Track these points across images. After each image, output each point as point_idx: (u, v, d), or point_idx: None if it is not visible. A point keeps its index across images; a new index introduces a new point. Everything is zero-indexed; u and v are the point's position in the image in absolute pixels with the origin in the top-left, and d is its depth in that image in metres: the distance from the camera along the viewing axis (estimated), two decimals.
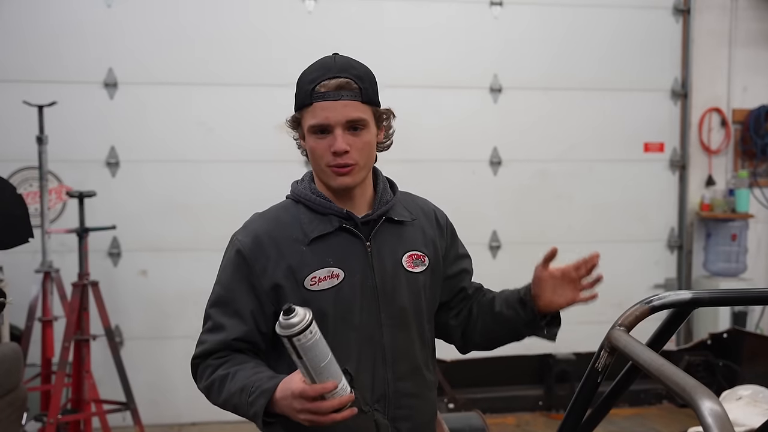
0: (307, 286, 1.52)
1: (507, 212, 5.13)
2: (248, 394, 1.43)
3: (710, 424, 1.01)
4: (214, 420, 4.78)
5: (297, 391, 1.36)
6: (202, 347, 1.58)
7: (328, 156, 1.51)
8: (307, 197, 1.58)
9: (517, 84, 5.12)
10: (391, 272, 1.60)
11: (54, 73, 4.59)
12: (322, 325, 1.46)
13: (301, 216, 1.57)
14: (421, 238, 1.67)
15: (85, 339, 3.72)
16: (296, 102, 1.56)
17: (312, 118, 1.52)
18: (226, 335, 1.55)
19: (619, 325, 1.60)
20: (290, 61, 4.93)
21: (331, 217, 1.56)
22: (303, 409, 1.37)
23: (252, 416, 1.44)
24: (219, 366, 1.54)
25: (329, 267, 1.53)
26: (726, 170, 5.47)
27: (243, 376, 1.48)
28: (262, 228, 1.57)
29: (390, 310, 1.59)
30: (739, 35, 5.40)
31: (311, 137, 1.53)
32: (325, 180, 1.56)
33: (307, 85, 1.53)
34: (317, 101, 1.51)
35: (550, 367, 3.26)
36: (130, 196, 4.70)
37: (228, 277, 1.57)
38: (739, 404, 2.72)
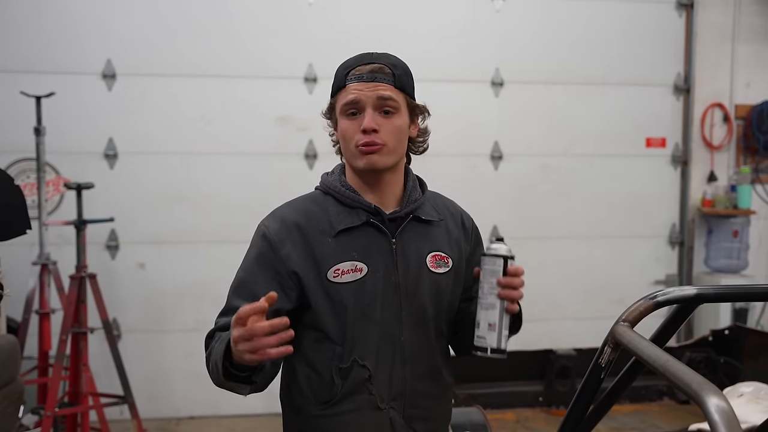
0: (330, 277, 1.52)
1: (508, 207, 5.11)
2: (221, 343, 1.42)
3: (717, 420, 0.99)
4: (212, 414, 4.78)
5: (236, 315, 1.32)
6: (212, 328, 1.57)
7: (358, 135, 1.53)
8: (336, 189, 1.59)
9: (518, 78, 5.09)
10: (414, 271, 1.59)
11: (52, 64, 4.56)
12: (342, 317, 1.52)
13: (329, 208, 1.58)
14: (446, 239, 1.66)
15: (83, 332, 3.69)
16: (332, 89, 1.60)
17: (344, 98, 1.55)
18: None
19: (623, 321, 1.57)
20: (290, 53, 4.92)
21: (359, 211, 1.57)
22: (239, 336, 1.31)
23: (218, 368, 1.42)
24: (217, 337, 1.52)
25: (353, 261, 1.53)
26: (728, 166, 5.44)
27: (226, 336, 1.44)
28: (289, 216, 1.57)
29: (411, 309, 1.58)
30: (742, 30, 5.37)
31: (343, 119, 1.56)
32: (354, 162, 1.56)
33: (343, 71, 1.58)
34: (350, 83, 1.55)
35: (550, 363, 3.24)
36: (128, 189, 4.68)
37: (250, 261, 1.57)
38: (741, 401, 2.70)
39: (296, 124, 4.80)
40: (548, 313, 5.17)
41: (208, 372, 1.52)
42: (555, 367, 3.20)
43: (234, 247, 4.77)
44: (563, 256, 5.19)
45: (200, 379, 4.85)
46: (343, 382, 1.54)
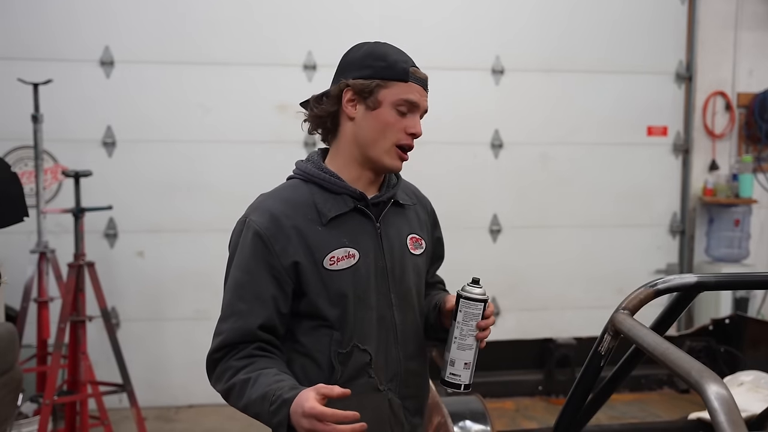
0: (326, 265, 1.52)
1: (508, 196, 5.09)
2: (270, 403, 1.39)
3: (716, 407, 0.98)
4: (211, 402, 4.78)
5: (308, 409, 1.32)
6: (221, 338, 1.50)
7: (401, 135, 1.55)
8: (319, 176, 1.57)
9: (519, 66, 5.06)
10: (398, 254, 1.62)
11: (50, 51, 4.53)
12: (341, 304, 1.53)
13: (315, 195, 1.56)
14: (418, 222, 1.71)
15: (81, 320, 3.68)
16: (384, 72, 1.55)
17: (406, 94, 1.55)
18: (246, 322, 1.49)
19: (623, 309, 1.56)
20: (290, 41, 4.89)
21: (345, 197, 1.57)
22: (312, 429, 1.32)
23: (275, 426, 1.40)
24: (240, 370, 1.47)
25: (345, 247, 1.54)
26: (730, 155, 5.42)
27: (264, 383, 1.43)
28: (277, 208, 1.54)
29: (399, 291, 1.62)
30: (745, 18, 5.33)
31: (391, 111, 1.54)
32: (381, 158, 1.56)
33: (402, 63, 1.57)
34: (414, 83, 1.56)
35: (550, 352, 3.22)
36: (127, 177, 4.66)
37: (246, 260, 1.51)
38: (741, 390, 2.69)
39: (295, 112, 4.76)
40: (548, 302, 5.16)
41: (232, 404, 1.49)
42: (555, 356, 3.18)
43: None
44: (563, 244, 5.17)
45: (199, 368, 4.83)
46: (343, 367, 1.54)
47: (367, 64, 1.55)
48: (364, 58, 1.56)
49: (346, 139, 1.58)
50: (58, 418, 3.99)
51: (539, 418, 2.90)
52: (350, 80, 1.55)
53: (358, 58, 1.57)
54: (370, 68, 1.55)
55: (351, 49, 1.62)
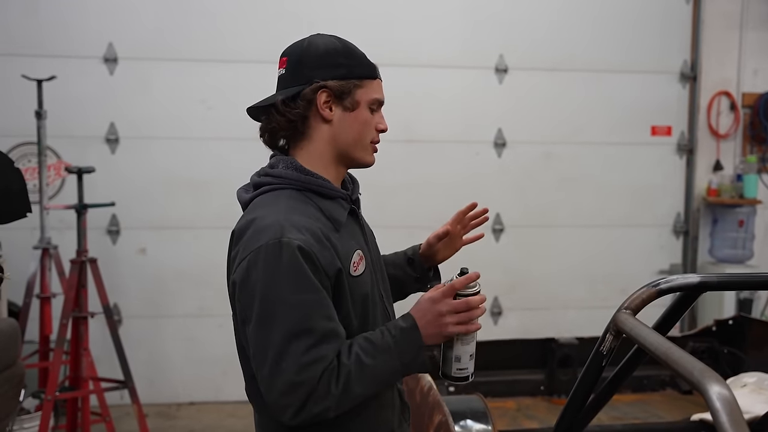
0: (351, 272, 1.47)
1: (511, 195, 5.08)
2: (395, 346, 1.39)
3: (718, 408, 0.96)
4: (213, 399, 4.79)
5: (440, 293, 1.40)
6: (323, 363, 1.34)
7: (374, 132, 1.54)
8: (315, 183, 1.48)
9: (523, 65, 5.05)
10: (375, 248, 1.65)
11: (53, 48, 4.53)
12: (365, 306, 1.50)
13: (320, 204, 1.48)
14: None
15: (83, 316, 3.69)
16: (358, 71, 1.50)
17: (377, 93, 1.53)
18: (341, 340, 1.40)
19: (625, 308, 1.54)
20: (291, 37, 4.86)
21: (340, 200, 1.52)
22: (450, 309, 1.39)
23: (411, 360, 1.41)
24: (340, 365, 1.37)
25: (357, 250, 1.50)
26: (734, 155, 5.40)
27: (372, 346, 1.39)
28: (305, 222, 1.41)
29: (384, 285, 1.63)
30: (750, 17, 5.31)
31: (367, 111, 1.52)
32: (361, 157, 1.54)
33: (368, 59, 1.54)
34: (379, 78, 1.55)
35: (552, 352, 3.20)
36: (130, 173, 4.66)
37: (305, 278, 1.36)
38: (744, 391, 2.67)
39: None
40: (550, 301, 5.15)
41: (352, 398, 1.38)
42: (557, 355, 3.16)
43: None
44: (566, 244, 5.16)
45: (201, 365, 4.87)
46: None
47: (339, 63, 1.48)
48: (332, 55, 1.49)
49: (321, 141, 1.50)
50: (59, 414, 3.99)
51: (541, 418, 2.89)
52: (327, 81, 1.47)
53: (325, 55, 1.49)
54: (344, 67, 1.49)
55: (306, 44, 1.53)
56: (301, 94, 1.48)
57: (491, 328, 5.06)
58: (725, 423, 0.93)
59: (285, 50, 1.60)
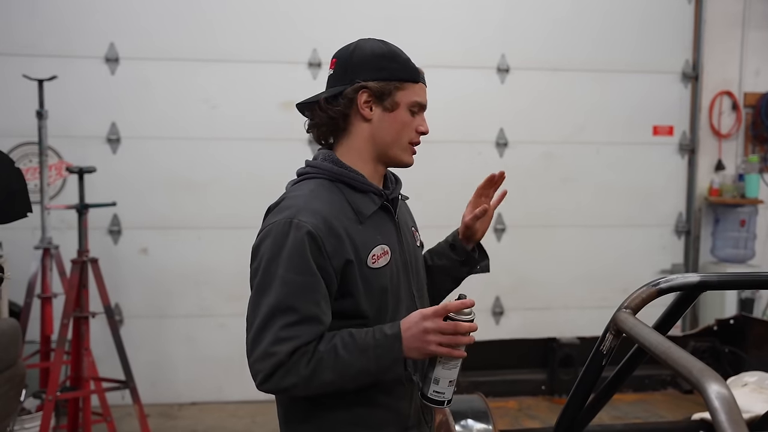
0: (369, 264, 1.53)
1: (513, 195, 4.96)
2: (374, 349, 1.43)
3: (717, 407, 0.96)
4: (215, 400, 4.79)
5: (431, 310, 1.42)
6: (295, 342, 1.43)
7: (414, 134, 1.61)
8: (347, 175, 1.57)
9: (524, 64, 5.04)
10: (412, 248, 1.68)
11: (55, 47, 4.54)
12: (383, 301, 1.56)
13: (347, 195, 1.56)
14: (410, 214, 1.79)
15: (85, 316, 3.69)
16: (400, 74, 1.58)
17: (418, 96, 1.60)
18: (323, 325, 1.46)
19: (625, 308, 1.54)
20: (294, 37, 4.88)
21: (371, 195, 1.59)
22: (436, 328, 1.41)
23: (389, 365, 1.44)
24: (316, 347, 1.44)
25: (381, 244, 1.56)
26: (736, 155, 5.39)
27: (353, 342, 1.44)
28: (323, 208, 1.50)
29: (417, 284, 1.67)
30: (753, 17, 5.30)
31: (407, 112, 1.59)
32: (399, 156, 1.61)
33: (412, 64, 1.61)
34: (422, 82, 1.62)
35: (553, 352, 3.20)
36: (131, 173, 4.67)
37: (303, 261, 1.44)
38: (744, 391, 2.67)
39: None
40: (552, 301, 5.15)
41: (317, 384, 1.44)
42: (558, 355, 3.16)
43: (237, 233, 4.80)
44: (568, 244, 5.15)
45: (203, 365, 4.87)
46: None
47: (382, 66, 1.56)
48: (377, 59, 1.57)
49: (361, 138, 1.59)
50: (60, 414, 3.99)
51: (542, 418, 2.89)
52: (368, 82, 1.55)
53: (370, 58, 1.57)
54: (386, 70, 1.56)
55: (355, 47, 1.60)
56: (343, 93, 1.57)
57: (493, 327, 5.06)
58: (724, 422, 0.93)
59: (336, 53, 1.66)
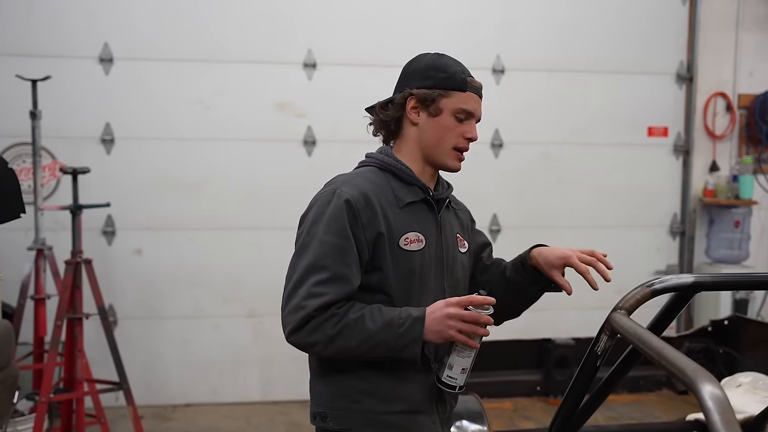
0: (401, 245, 1.66)
1: (508, 195, 5.08)
2: (398, 326, 1.56)
3: (710, 408, 0.96)
4: (209, 401, 4.77)
5: (455, 299, 1.56)
6: (324, 299, 1.57)
7: (460, 139, 1.72)
8: (396, 166, 1.73)
9: (519, 65, 5.05)
10: (452, 248, 1.79)
11: (48, 48, 4.52)
12: (408, 282, 1.67)
13: (391, 182, 1.71)
14: (461, 224, 1.88)
15: (78, 318, 3.67)
16: (445, 83, 1.71)
17: (464, 103, 1.71)
18: (351, 286, 1.60)
19: (620, 308, 1.54)
20: (290, 39, 4.87)
21: (416, 188, 1.73)
22: (457, 314, 1.54)
23: (408, 343, 1.56)
24: (346, 312, 1.58)
25: (416, 231, 1.69)
26: (730, 156, 5.40)
27: (383, 314, 1.57)
28: (365, 185, 1.67)
29: (451, 281, 1.77)
30: (746, 18, 5.31)
31: (451, 118, 1.71)
32: (444, 160, 1.73)
33: (461, 74, 1.73)
34: (471, 92, 1.73)
35: (548, 352, 3.20)
36: (126, 174, 4.65)
37: (339, 226, 1.61)
38: (739, 391, 2.67)
39: (295, 110, 4.76)
40: (546, 302, 5.11)
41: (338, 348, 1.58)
42: (553, 356, 3.16)
43: (231, 234, 4.79)
44: (563, 245, 5.10)
45: (197, 366, 4.85)
46: None
47: (429, 75, 1.72)
48: (426, 69, 1.73)
49: (410, 140, 1.74)
50: (54, 416, 3.98)
51: (537, 419, 2.89)
52: (414, 89, 1.71)
53: (421, 69, 1.74)
54: (432, 79, 1.71)
55: (413, 60, 1.78)
56: (395, 100, 1.75)
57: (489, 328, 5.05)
58: (717, 422, 0.93)
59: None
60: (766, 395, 2.58)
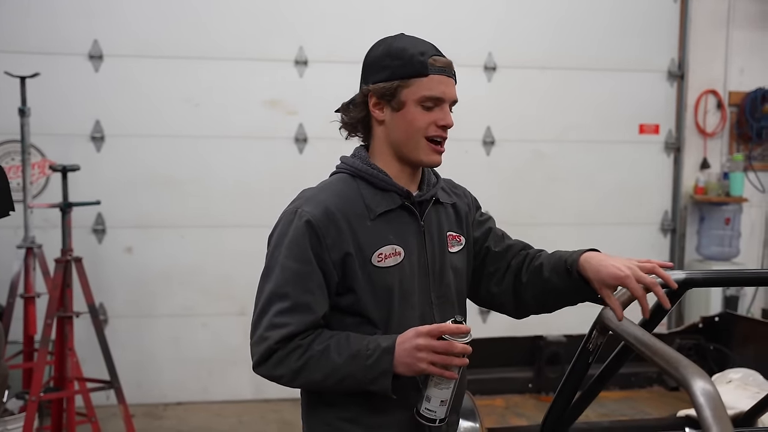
0: (374, 262, 1.51)
1: (500, 193, 5.08)
2: (365, 358, 1.43)
3: (702, 403, 0.96)
4: (200, 399, 4.76)
5: (426, 328, 1.41)
6: (287, 330, 1.45)
7: (431, 128, 1.54)
8: (368, 172, 1.57)
9: (512, 63, 5.05)
10: (439, 253, 1.62)
11: (37, 44, 4.49)
12: (388, 302, 1.52)
13: (363, 191, 1.56)
14: (456, 218, 1.71)
15: (68, 316, 3.65)
16: (401, 71, 1.53)
17: (427, 89, 1.53)
18: (315, 315, 1.48)
19: None
20: (281, 36, 4.85)
21: (393, 194, 1.57)
22: (428, 346, 1.40)
23: (377, 376, 1.43)
24: (311, 344, 1.46)
25: (392, 244, 1.53)
26: (721, 153, 5.42)
27: (348, 346, 1.45)
28: (329, 201, 1.52)
29: (438, 290, 1.61)
30: (737, 16, 5.33)
31: (416, 108, 1.53)
32: (417, 155, 1.56)
33: (419, 56, 1.53)
34: (434, 74, 1.53)
35: (540, 350, 3.21)
36: (115, 172, 4.63)
37: (300, 249, 1.48)
38: (729, 387, 2.69)
39: (286, 108, 4.75)
40: None
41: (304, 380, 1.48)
42: (545, 353, 3.17)
43: (223, 231, 4.77)
44: (555, 242, 5.10)
45: (188, 365, 4.83)
46: None
47: (384, 65, 1.54)
48: (381, 59, 1.55)
49: (380, 140, 1.59)
50: (44, 415, 3.96)
51: (529, 416, 2.89)
52: (371, 85, 1.54)
53: (377, 59, 1.56)
54: (388, 69, 1.53)
55: (371, 49, 1.59)
56: (354, 100, 1.60)
57: (480, 325, 5.05)
58: (709, 418, 0.93)
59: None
60: (757, 391, 2.59)
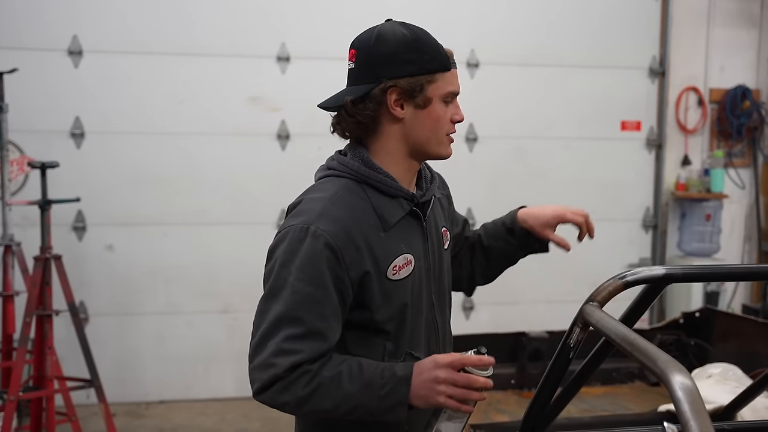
0: (389, 276, 1.43)
1: (482, 190, 5.09)
2: (379, 387, 1.34)
3: (680, 398, 0.97)
4: (183, 398, 4.73)
5: (447, 359, 1.34)
6: (298, 357, 1.35)
7: (449, 125, 1.50)
8: (375, 178, 1.46)
9: (494, 59, 5.05)
10: (438, 253, 1.58)
11: (15, 39, 4.44)
12: (402, 314, 1.46)
13: (372, 199, 1.45)
14: (443, 212, 1.67)
15: (48, 314, 3.61)
16: (430, 65, 1.44)
17: (450, 84, 1.47)
18: (329, 342, 1.38)
19: (592, 301, 1.55)
20: (263, 32, 4.83)
21: (401, 200, 1.48)
22: (448, 379, 1.33)
23: (391, 407, 1.35)
24: (320, 369, 1.36)
25: (404, 254, 1.46)
26: (702, 150, 5.47)
27: (360, 374, 1.36)
28: (344, 216, 1.40)
29: (438, 292, 1.58)
30: (718, 14, 5.38)
31: (441, 105, 1.47)
32: (436, 151, 1.50)
33: (442, 50, 1.46)
34: (454, 68, 1.48)
35: (522, 346, 3.21)
36: (96, 169, 4.59)
37: (315, 272, 1.36)
38: (709, 382, 2.71)
39: (268, 104, 4.72)
40: (520, 295, 5.17)
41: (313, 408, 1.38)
42: (527, 349, 3.17)
43: (205, 229, 4.74)
44: None
45: (171, 363, 4.80)
46: None
47: (409, 59, 1.42)
48: (404, 51, 1.43)
49: (393, 139, 1.47)
50: (23, 414, 3.91)
51: (511, 412, 2.90)
52: (395, 80, 1.42)
53: (396, 52, 1.43)
54: (414, 63, 1.43)
55: (377, 38, 1.45)
56: (371, 95, 1.44)
57: (463, 322, 5.07)
58: (687, 412, 0.93)
59: (353, 41, 1.50)
60: (736, 385, 2.61)
